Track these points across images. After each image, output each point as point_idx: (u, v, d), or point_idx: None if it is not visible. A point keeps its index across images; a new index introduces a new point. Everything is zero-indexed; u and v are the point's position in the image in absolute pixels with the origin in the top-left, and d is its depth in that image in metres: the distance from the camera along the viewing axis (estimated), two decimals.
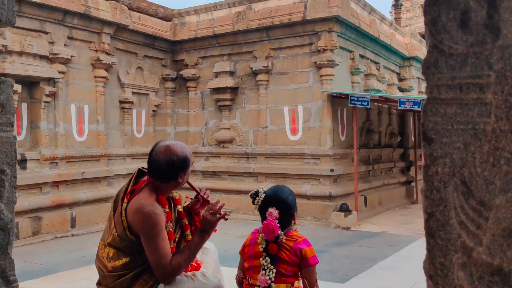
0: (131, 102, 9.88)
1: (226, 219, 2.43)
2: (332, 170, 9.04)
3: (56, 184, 8.35)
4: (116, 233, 2.28)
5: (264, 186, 2.52)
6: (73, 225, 8.52)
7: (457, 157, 0.90)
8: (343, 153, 9.53)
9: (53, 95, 8.33)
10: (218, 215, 2.37)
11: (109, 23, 9.10)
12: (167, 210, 2.37)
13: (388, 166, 11.58)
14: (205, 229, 2.38)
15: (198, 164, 10.44)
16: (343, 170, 9.34)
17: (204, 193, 2.56)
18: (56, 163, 8.40)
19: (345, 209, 8.94)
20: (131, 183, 2.40)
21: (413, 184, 12.50)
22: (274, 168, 9.56)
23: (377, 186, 10.72)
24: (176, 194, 2.58)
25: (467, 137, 0.89)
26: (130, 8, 9.75)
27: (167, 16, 10.80)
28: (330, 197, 9.05)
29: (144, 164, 9.54)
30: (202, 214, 2.44)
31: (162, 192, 2.36)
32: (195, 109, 10.86)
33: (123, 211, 2.29)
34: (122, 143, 9.84)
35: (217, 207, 2.38)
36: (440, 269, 0.90)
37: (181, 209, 2.55)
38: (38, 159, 8.13)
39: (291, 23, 9.23)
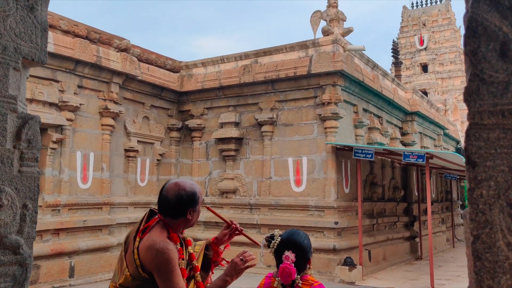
0: (136, 151, 9.95)
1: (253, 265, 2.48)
2: (336, 223, 8.95)
3: (57, 231, 8.25)
4: (128, 273, 2.24)
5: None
6: (71, 275, 8.33)
7: (501, 180, 0.93)
8: (347, 205, 9.47)
9: (60, 142, 8.41)
10: (247, 264, 2.39)
11: (118, 73, 9.33)
12: (178, 247, 2.36)
13: (392, 220, 11.47)
14: (230, 274, 2.38)
15: (200, 215, 10.31)
16: (347, 223, 9.25)
17: (236, 224, 2.62)
18: (59, 210, 8.35)
19: (349, 263, 8.78)
20: (142, 222, 2.40)
21: (417, 239, 12.33)
22: (278, 220, 9.47)
23: (381, 240, 10.57)
24: (187, 236, 2.58)
25: (511, 161, 0.92)
26: (140, 59, 10.04)
27: (175, 68, 11.09)
28: (334, 251, 8.90)
29: None
30: (232, 259, 2.46)
31: (173, 229, 2.37)
32: (199, 159, 10.92)
33: (135, 250, 2.26)
34: (125, 192, 9.81)
35: (248, 256, 2.41)
36: None
37: (191, 251, 2.54)
38: (41, 206, 8.08)
39: (296, 77, 9.46)
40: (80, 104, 8.72)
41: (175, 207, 2.33)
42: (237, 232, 2.63)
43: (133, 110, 10.12)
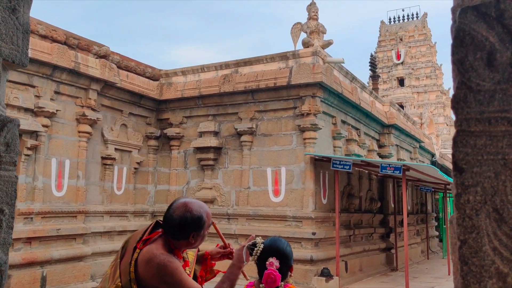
0: (113, 159, 9.81)
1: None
2: (314, 233, 8.97)
3: (29, 240, 8.04)
4: (120, 283, 2.17)
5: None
6: (43, 285, 8.11)
7: (488, 186, 0.95)
8: (325, 216, 9.52)
9: (34, 148, 8.24)
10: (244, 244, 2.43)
11: (97, 80, 9.22)
12: (182, 263, 2.31)
13: (368, 231, 11.57)
14: (238, 260, 2.36)
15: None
16: (325, 233, 9.29)
17: (232, 249, 2.58)
18: (31, 218, 8.15)
19: (326, 274, 8.80)
20: (146, 233, 2.31)
21: (393, 251, 12.45)
22: (256, 230, 9.42)
23: (358, 251, 10.64)
24: (186, 254, 2.52)
25: (497, 167, 0.95)
26: (119, 67, 9.95)
27: (154, 76, 11.03)
28: (311, 261, 8.91)
29: (122, 222, 9.22)
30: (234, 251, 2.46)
31: (174, 247, 2.29)
32: (177, 168, 10.83)
33: (133, 262, 2.18)
34: (101, 200, 9.65)
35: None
36: None
37: (188, 272, 2.50)
38: None
39: (276, 87, 9.52)
40: (57, 110, 8.57)
41: (178, 229, 2.24)
42: (230, 256, 2.58)
43: (111, 118, 10.00)
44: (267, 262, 2.23)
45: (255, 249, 2.32)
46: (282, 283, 2.23)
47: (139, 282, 2.17)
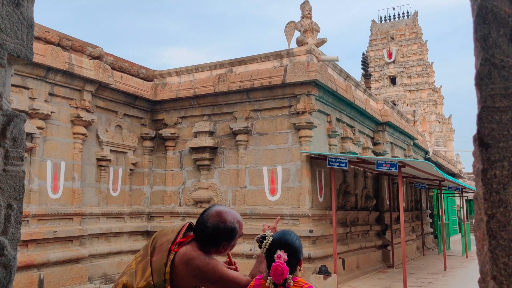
0: (109, 160, 9.77)
1: None
2: (311, 231, 8.99)
3: (25, 243, 7.98)
4: (152, 282, 2.20)
5: (242, 247, 2.53)
6: None
7: None
8: (322, 214, 9.54)
9: (29, 150, 8.18)
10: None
11: (91, 81, 9.18)
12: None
13: (364, 229, 11.61)
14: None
15: (174, 225, 10.21)
16: (322, 231, 9.31)
17: (237, 267, 2.60)
18: (27, 221, 8.09)
19: (324, 272, 8.81)
20: (179, 235, 2.34)
21: (389, 248, 12.51)
22: (253, 229, 9.42)
23: (354, 249, 10.67)
24: None
25: None
26: (113, 68, 9.91)
27: (148, 77, 10.99)
28: (309, 259, 8.93)
29: (118, 224, 9.16)
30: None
31: (204, 252, 2.33)
32: (173, 168, 10.81)
33: (169, 263, 2.22)
34: (97, 202, 9.60)
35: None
36: (504, 269, 0.92)
37: None
38: None
39: (271, 86, 9.52)
40: (51, 112, 8.52)
41: (210, 237, 2.28)
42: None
43: (106, 119, 9.96)
44: (275, 255, 2.24)
45: (264, 241, 2.33)
46: (290, 276, 2.24)
47: (174, 283, 2.22)
